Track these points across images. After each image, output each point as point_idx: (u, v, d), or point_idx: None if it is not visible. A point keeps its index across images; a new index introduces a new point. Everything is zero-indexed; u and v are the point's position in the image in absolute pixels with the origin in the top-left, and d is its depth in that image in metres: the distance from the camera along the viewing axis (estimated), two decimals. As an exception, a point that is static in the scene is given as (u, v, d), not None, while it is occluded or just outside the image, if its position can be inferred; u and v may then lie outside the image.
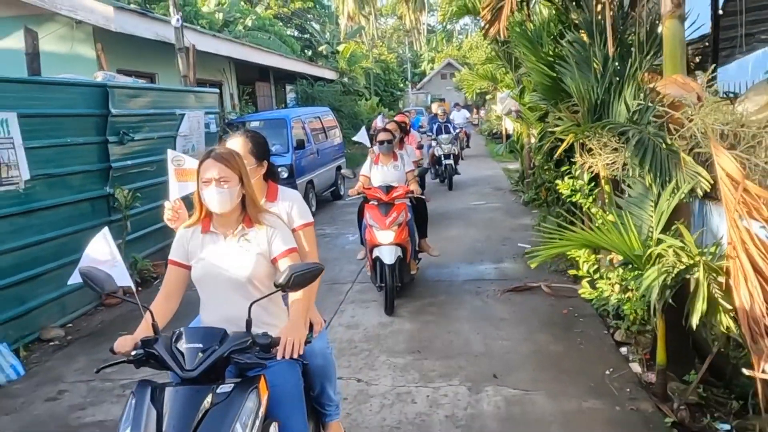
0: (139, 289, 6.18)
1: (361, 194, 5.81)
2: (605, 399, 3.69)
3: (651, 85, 3.80)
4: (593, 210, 4.66)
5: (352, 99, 22.46)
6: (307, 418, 2.48)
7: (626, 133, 3.73)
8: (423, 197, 6.32)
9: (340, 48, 27.26)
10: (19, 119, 5.06)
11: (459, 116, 19.15)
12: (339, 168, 12.15)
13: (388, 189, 5.62)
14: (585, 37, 4.81)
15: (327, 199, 11.92)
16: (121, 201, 6.31)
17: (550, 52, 5.31)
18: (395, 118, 9.05)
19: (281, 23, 23.84)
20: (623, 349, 4.35)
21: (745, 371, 3.06)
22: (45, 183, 5.44)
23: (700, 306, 3.19)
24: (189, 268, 2.38)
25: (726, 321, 3.20)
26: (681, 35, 3.73)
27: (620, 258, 3.92)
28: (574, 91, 4.31)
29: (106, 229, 2.69)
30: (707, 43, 5.26)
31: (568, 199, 5.24)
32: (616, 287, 4.52)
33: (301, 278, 2.11)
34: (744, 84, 4.94)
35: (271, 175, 2.83)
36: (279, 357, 2.08)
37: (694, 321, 3.21)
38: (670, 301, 3.39)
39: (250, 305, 2.14)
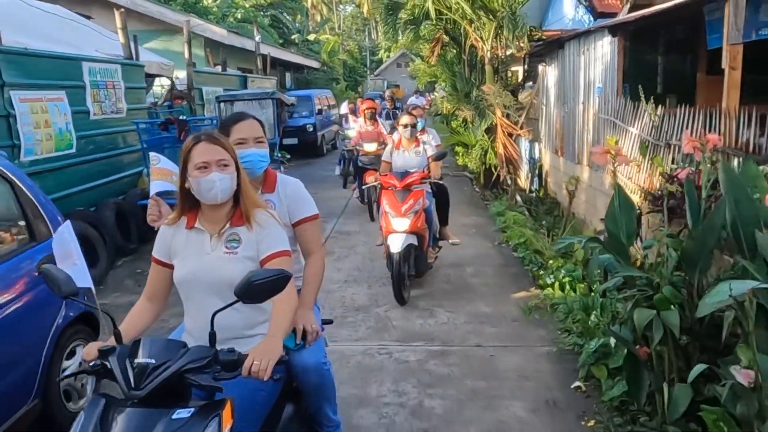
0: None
1: (377, 182, 5.62)
2: (465, 195, 10.74)
3: (481, 87, 10.82)
4: (461, 130, 11.77)
5: (332, 84, 29.00)
6: None
7: (473, 103, 10.78)
8: (441, 182, 5.82)
9: (311, 37, 32.84)
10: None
11: (418, 102, 19.36)
12: (337, 131, 18.85)
13: (403, 175, 5.46)
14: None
15: (329, 149, 18.65)
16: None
17: (455, 70, 12.29)
18: (364, 105, 9.54)
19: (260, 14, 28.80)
20: (475, 187, 11.49)
21: (494, 171, 10.24)
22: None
23: (488, 157, 10.35)
24: (172, 267, 2.17)
25: (496, 161, 10.32)
26: (492, 70, 10.75)
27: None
28: (459, 88, 11.37)
29: (68, 223, 2.65)
30: (525, 75, 12.52)
31: (455, 129, 12.47)
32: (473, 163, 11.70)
33: (260, 288, 1.77)
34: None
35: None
36: (244, 375, 1.81)
37: (488, 161, 10.37)
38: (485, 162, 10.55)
39: (213, 315, 1.82)
